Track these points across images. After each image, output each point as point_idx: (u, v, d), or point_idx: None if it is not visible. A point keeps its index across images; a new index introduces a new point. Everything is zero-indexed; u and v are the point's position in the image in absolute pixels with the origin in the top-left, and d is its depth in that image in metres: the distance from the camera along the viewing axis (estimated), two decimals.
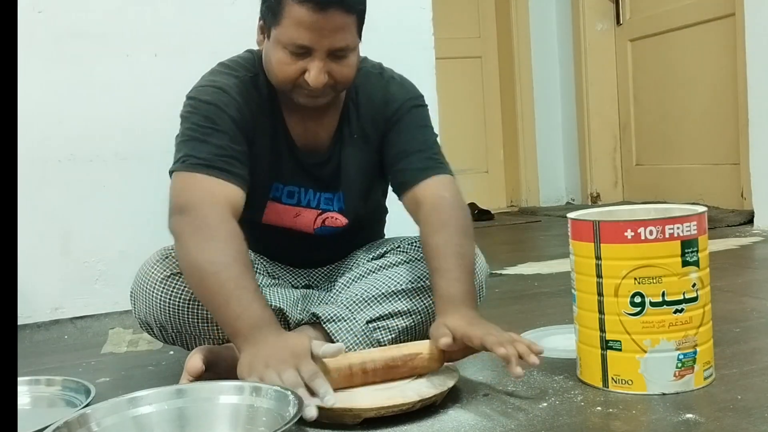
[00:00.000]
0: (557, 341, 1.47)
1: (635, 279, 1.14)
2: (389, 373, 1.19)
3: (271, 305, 1.33)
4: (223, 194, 1.29)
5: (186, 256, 1.24)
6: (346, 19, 1.29)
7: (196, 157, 1.30)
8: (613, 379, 1.18)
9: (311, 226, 1.49)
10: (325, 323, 1.35)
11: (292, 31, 1.28)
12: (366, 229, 1.60)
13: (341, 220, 1.50)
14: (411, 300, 1.40)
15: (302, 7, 1.26)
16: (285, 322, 1.37)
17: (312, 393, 1.07)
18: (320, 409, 1.09)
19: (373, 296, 1.39)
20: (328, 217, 1.49)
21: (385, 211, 1.67)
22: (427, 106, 1.51)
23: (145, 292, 1.36)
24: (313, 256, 1.56)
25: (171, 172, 1.34)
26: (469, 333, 1.17)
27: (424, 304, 1.41)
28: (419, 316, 1.41)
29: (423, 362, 1.20)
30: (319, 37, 1.28)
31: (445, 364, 1.23)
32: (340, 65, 1.32)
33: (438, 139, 1.50)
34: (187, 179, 1.30)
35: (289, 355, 1.13)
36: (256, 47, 1.48)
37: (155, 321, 1.37)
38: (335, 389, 1.11)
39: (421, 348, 1.21)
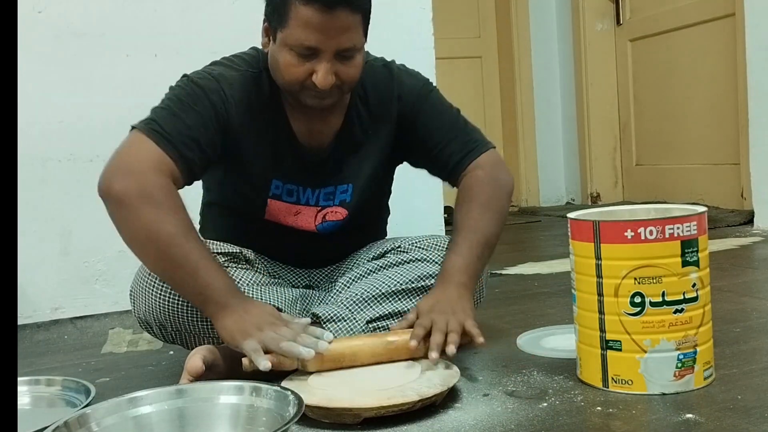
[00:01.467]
0: (557, 341, 1.47)
1: (635, 279, 1.14)
2: (374, 357, 1.26)
3: (269, 304, 1.33)
4: (169, 168, 1.28)
5: (137, 226, 1.23)
6: (353, 19, 1.29)
7: (161, 126, 1.30)
8: (613, 379, 1.18)
9: (313, 224, 1.49)
10: (325, 323, 1.35)
11: (299, 32, 1.27)
12: (367, 228, 1.60)
13: (341, 213, 1.50)
14: (411, 300, 1.40)
15: (309, 8, 1.26)
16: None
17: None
18: (320, 408, 1.10)
19: (373, 296, 1.40)
20: (328, 212, 1.50)
21: (387, 211, 1.67)
22: (435, 86, 1.55)
23: (145, 291, 1.36)
24: (315, 256, 1.56)
25: (132, 128, 1.33)
26: (420, 321, 1.28)
27: None
28: None
29: (401, 345, 1.26)
30: (327, 38, 1.28)
31: (447, 363, 1.24)
32: (347, 66, 1.32)
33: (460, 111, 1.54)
34: (141, 142, 1.29)
35: (274, 318, 1.21)
36: (260, 45, 1.47)
37: (155, 320, 1.37)
38: (323, 370, 1.22)
39: (402, 336, 1.27)
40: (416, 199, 2.24)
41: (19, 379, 1.29)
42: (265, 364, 1.15)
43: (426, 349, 1.25)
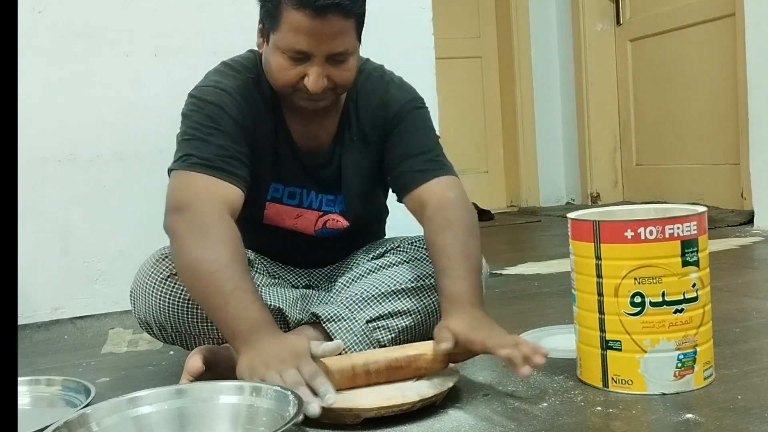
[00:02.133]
0: (557, 341, 1.47)
1: (635, 279, 1.14)
2: (392, 374, 1.19)
3: (269, 305, 1.33)
4: (220, 194, 1.28)
5: (182, 255, 1.24)
6: (345, 23, 1.28)
7: (197, 156, 1.30)
8: (613, 379, 1.18)
9: (312, 228, 1.49)
10: (325, 323, 1.35)
11: (291, 36, 1.27)
12: (367, 231, 1.60)
13: (342, 223, 1.50)
14: (411, 299, 1.40)
15: (300, 13, 1.25)
16: (284, 321, 1.37)
17: (314, 392, 1.07)
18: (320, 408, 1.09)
19: (373, 296, 1.40)
20: (329, 219, 1.49)
21: (385, 211, 1.67)
22: (427, 107, 1.50)
23: (145, 291, 1.36)
24: (313, 258, 1.56)
25: (170, 171, 1.34)
26: (471, 337, 1.17)
27: (425, 303, 1.41)
28: (419, 316, 1.41)
29: (426, 363, 1.19)
30: (318, 43, 1.27)
31: (450, 364, 1.24)
32: (340, 69, 1.32)
33: (440, 140, 1.50)
34: (185, 178, 1.30)
35: (288, 356, 1.13)
36: (257, 47, 1.48)
37: (155, 321, 1.37)
38: (339, 390, 1.11)
39: (424, 349, 1.21)
40: None
41: (19, 379, 1.29)
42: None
43: (446, 362, 1.20)
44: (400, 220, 1.77)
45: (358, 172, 1.48)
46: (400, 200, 1.46)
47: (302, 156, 1.45)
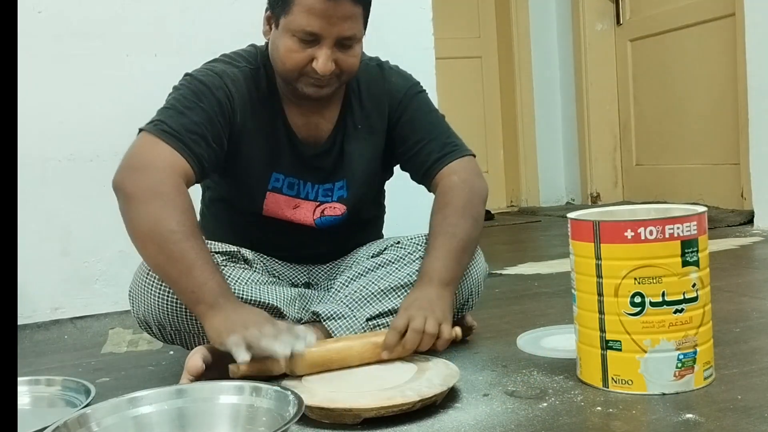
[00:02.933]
0: (557, 341, 1.47)
1: (635, 279, 1.14)
2: (363, 359, 1.27)
3: (267, 303, 1.34)
4: (181, 167, 1.30)
5: (140, 219, 1.25)
6: (355, 9, 1.33)
7: (168, 125, 1.32)
8: (613, 379, 1.18)
9: (311, 218, 1.50)
10: (325, 321, 1.35)
11: (302, 18, 1.31)
12: (365, 224, 1.61)
13: (340, 209, 1.52)
14: None
15: None
16: (281, 320, 1.38)
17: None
18: (320, 409, 1.10)
19: (372, 293, 1.40)
20: (326, 208, 1.51)
21: (383, 208, 1.68)
22: (425, 90, 1.57)
23: (144, 291, 1.36)
24: (314, 251, 1.56)
25: (139, 131, 1.35)
26: (397, 316, 1.31)
27: None
28: None
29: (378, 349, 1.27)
30: (329, 25, 1.31)
31: (447, 363, 1.24)
32: (346, 55, 1.36)
33: (444, 118, 1.55)
34: (150, 142, 1.31)
35: (261, 318, 1.22)
36: (258, 44, 1.48)
37: (154, 320, 1.37)
38: (312, 373, 1.23)
39: (380, 337, 1.28)
40: (416, 198, 2.23)
41: (19, 379, 1.29)
42: (243, 357, 1.15)
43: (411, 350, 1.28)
44: (400, 220, 1.78)
45: (363, 159, 1.51)
46: (424, 184, 1.54)
47: (301, 146, 1.47)
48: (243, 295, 1.33)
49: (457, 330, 1.35)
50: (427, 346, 1.28)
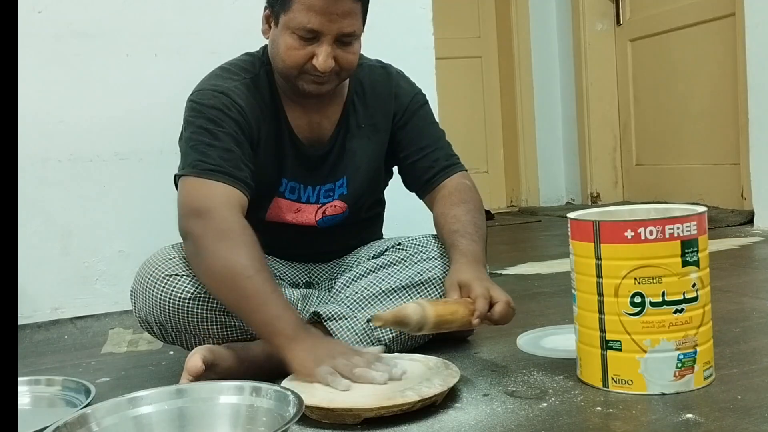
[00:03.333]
0: (557, 341, 1.47)
1: (635, 279, 1.14)
2: (461, 323, 1.27)
3: None
4: (236, 199, 1.32)
5: (210, 260, 1.27)
6: (354, 5, 1.34)
7: (206, 162, 1.33)
8: (613, 379, 1.18)
9: (313, 219, 1.51)
10: (326, 321, 1.36)
11: (302, 15, 1.31)
12: (366, 221, 1.62)
13: (341, 207, 1.52)
14: (411, 297, 1.41)
15: None
16: None
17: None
18: (320, 409, 1.10)
19: (373, 294, 1.40)
20: (328, 207, 1.52)
21: (383, 204, 1.68)
22: (428, 102, 1.59)
23: (146, 291, 1.36)
24: (315, 249, 1.57)
25: (178, 176, 1.36)
26: (475, 287, 1.29)
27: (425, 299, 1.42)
28: None
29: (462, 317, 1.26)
30: (329, 22, 1.32)
31: (447, 363, 1.24)
32: (346, 51, 1.36)
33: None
34: (198, 184, 1.33)
35: (345, 348, 1.23)
36: (254, 49, 1.48)
37: (155, 320, 1.37)
38: None
39: (457, 308, 1.27)
40: (416, 198, 2.23)
41: (19, 379, 1.29)
42: (343, 385, 1.14)
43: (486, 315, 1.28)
44: (400, 220, 1.78)
45: (365, 156, 1.52)
46: (417, 192, 1.56)
47: (303, 148, 1.48)
48: None
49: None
50: (510, 316, 1.30)
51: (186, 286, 1.33)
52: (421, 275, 1.43)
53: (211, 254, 1.27)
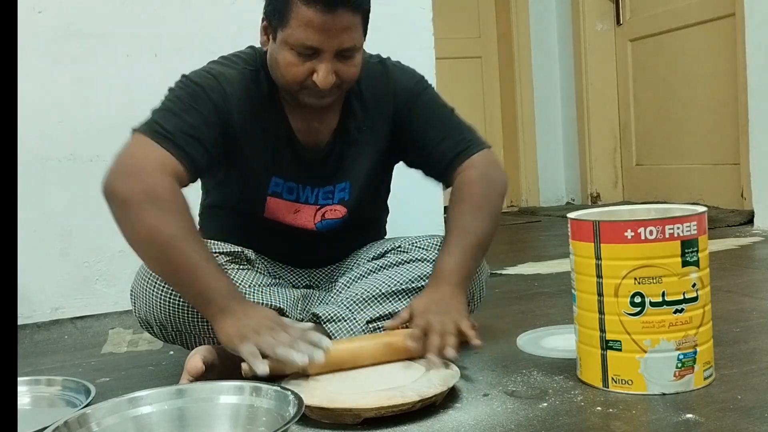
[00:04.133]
0: (557, 341, 1.47)
1: (635, 279, 1.14)
2: (374, 359, 1.27)
3: (270, 305, 1.34)
4: (174, 170, 1.28)
5: (138, 225, 1.23)
6: (353, 19, 1.29)
7: (163, 126, 1.30)
8: (613, 379, 1.18)
9: (312, 221, 1.49)
10: (325, 323, 1.35)
11: (300, 32, 1.28)
12: (366, 228, 1.60)
13: (340, 211, 1.50)
14: (411, 300, 1.40)
15: (310, 9, 1.26)
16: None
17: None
18: (320, 409, 1.10)
19: (373, 296, 1.40)
20: (327, 210, 1.50)
21: (386, 210, 1.67)
22: (431, 84, 1.55)
23: (146, 290, 1.36)
24: (315, 255, 1.56)
25: (133, 131, 1.33)
26: (417, 320, 1.28)
27: None
28: None
29: (402, 347, 1.27)
30: (328, 38, 1.28)
31: (447, 363, 1.24)
32: (347, 65, 1.33)
33: (454, 111, 1.53)
34: (142, 143, 1.29)
35: (272, 322, 1.20)
36: (257, 45, 1.48)
37: (155, 320, 1.37)
38: (324, 373, 1.22)
39: (400, 336, 1.28)
40: (416, 199, 2.23)
41: (19, 379, 1.29)
42: (262, 368, 1.13)
43: (423, 350, 1.24)
44: (400, 221, 1.77)
45: (365, 161, 1.49)
46: (442, 182, 1.53)
47: (302, 150, 1.46)
48: (247, 297, 1.32)
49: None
50: (451, 344, 1.23)
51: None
52: (422, 279, 1.42)
53: (137, 219, 1.22)
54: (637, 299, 1.14)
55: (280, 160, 1.45)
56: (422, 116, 1.48)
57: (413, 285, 1.42)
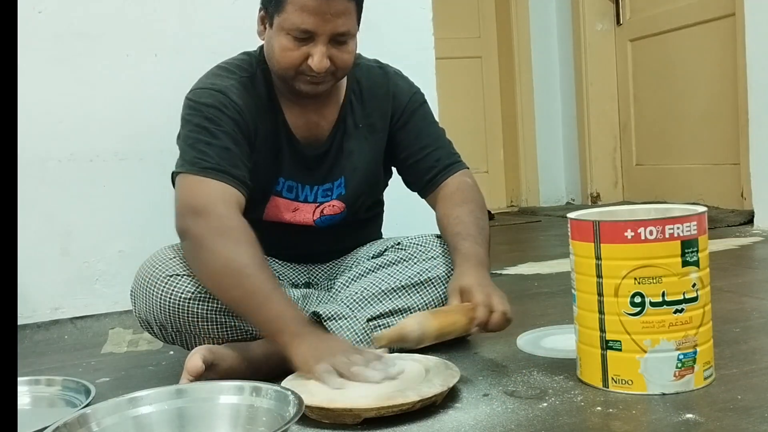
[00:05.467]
0: (557, 341, 1.47)
1: (635, 279, 1.14)
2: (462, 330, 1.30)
3: None
4: (234, 197, 1.33)
5: (211, 259, 1.27)
6: (348, 4, 1.33)
7: (205, 160, 1.33)
8: (613, 379, 1.18)
9: (311, 218, 1.51)
10: (326, 321, 1.35)
11: (296, 16, 1.31)
12: (364, 222, 1.61)
13: (339, 207, 1.52)
14: (411, 297, 1.42)
15: None
16: None
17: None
18: (320, 409, 1.10)
19: (373, 294, 1.40)
20: (326, 207, 1.52)
21: (382, 204, 1.68)
22: (427, 101, 1.60)
23: (146, 291, 1.36)
24: (314, 250, 1.57)
25: (176, 173, 1.36)
26: (473, 295, 1.29)
27: (424, 300, 1.43)
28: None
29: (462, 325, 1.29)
30: (323, 22, 1.31)
31: (447, 363, 1.24)
32: (341, 51, 1.36)
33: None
34: (197, 182, 1.33)
35: (347, 346, 1.23)
36: (252, 48, 1.49)
37: (155, 320, 1.37)
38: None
39: (457, 317, 1.29)
40: (416, 198, 2.23)
41: (19, 379, 1.29)
42: (336, 384, 1.14)
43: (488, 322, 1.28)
44: (400, 221, 1.78)
45: (362, 156, 1.52)
46: (419, 191, 1.56)
47: (301, 147, 1.47)
48: None
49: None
50: (505, 326, 1.30)
51: (186, 286, 1.33)
52: (422, 275, 1.43)
53: (211, 253, 1.27)
54: (637, 299, 1.14)
55: (281, 160, 1.46)
56: (418, 124, 1.53)
57: (412, 281, 1.42)
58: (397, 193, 1.65)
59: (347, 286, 1.45)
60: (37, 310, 2.02)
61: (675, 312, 1.14)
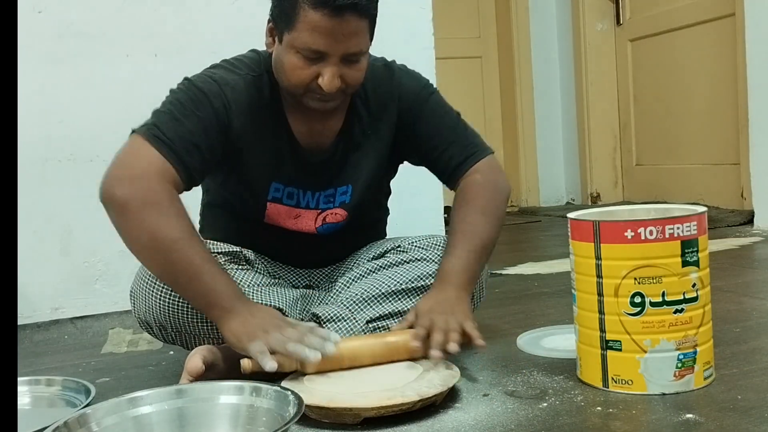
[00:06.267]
0: (557, 341, 1.47)
1: (635, 279, 1.14)
2: (375, 358, 1.27)
3: (269, 305, 1.33)
4: (173, 179, 1.28)
5: (139, 231, 1.23)
6: (360, 24, 1.28)
7: (163, 132, 1.29)
8: (613, 379, 1.18)
9: (313, 226, 1.49)
10: (325, 323, 1.35)
11: (307, 36, 1.26)
12: (367, 229, 1.60)
13: (341, 215, 1.50)
14: (411, 299, 1.40)
15: (318, 13, 1.24)
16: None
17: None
18: (320, 408, 1.10)
19: (373, 296, 1.40)
20: (328, 214, 1.49)
21: (386, 211, 1.67)
22: (437, 89, 1.54)
23: (145, 291, 1.36)
24: (315, 257, 1.55)
25: (132, 132, 1.32)
26: (421, 320, 1.28)
27: None
28: None
29: (404, 347, 1.27)
30: (335, 43, 1.27)
31: (447, 363, 1.24)
32: (353, 69, 1.32)
33: (459, 115, 1.53)
34: (142, 147, 1.28)
35: (278, 320, 1.21)
36: (260, 47, 1.47)
37: (155, 320, 1.37)
38: (323, 371, 1.22)
39: (402, 336, 1.28)
40: (416, 199, 2.24)
41: (19, 379, 1.29)
42: (271, 364, 1.14)
43: (426, 349, 1.24)
44: (400, 221, 1.77)
45: (368, 165, 1.48)
46: (448, 186, 1.54)
47: (304, 155, 1.44)
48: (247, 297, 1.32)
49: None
50: (455, 341, 1.23)
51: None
52: (422, 279, 1.42)
53: (137, 223, 1.23)
54: (637, 299, 1.14)
55: (282, 166, 1.43)
56: (429, 122, 1.48)
57: (413, 285, 1.42)
58: (397, 193, 1.65)
59: (347, 288, 1.45)
60: (37, 310, 2.02)
61: (675, 312, 1.14)
